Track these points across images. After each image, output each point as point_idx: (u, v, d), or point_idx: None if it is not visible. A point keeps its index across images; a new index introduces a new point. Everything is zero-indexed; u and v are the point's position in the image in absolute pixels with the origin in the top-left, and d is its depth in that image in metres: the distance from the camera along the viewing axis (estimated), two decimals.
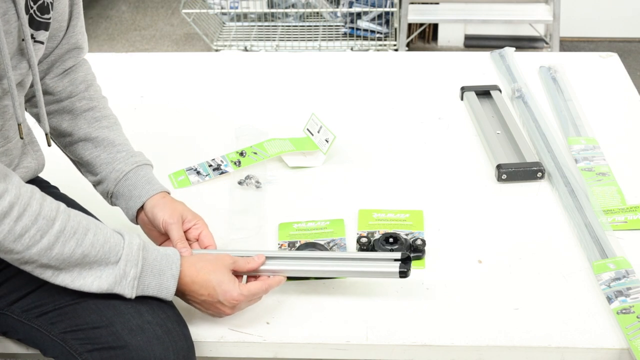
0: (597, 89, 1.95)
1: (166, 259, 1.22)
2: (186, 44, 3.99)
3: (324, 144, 1.68)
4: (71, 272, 1.17)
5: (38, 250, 1.13)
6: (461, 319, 1.29)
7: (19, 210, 1.11)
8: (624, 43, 3.90)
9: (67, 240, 1.15)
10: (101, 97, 1.45)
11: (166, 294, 1.22)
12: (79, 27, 1.39)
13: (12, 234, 1.11)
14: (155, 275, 1.21)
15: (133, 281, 1.19)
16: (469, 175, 1.64)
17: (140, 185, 1.38)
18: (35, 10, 1.23)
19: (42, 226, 1.13)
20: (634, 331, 1.23)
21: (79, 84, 1.41)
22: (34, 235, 1.12)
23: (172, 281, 1.22)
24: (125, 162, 1.39)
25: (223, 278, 1.24)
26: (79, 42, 1.40)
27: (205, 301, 1.24)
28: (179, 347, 1.20)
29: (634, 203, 1.54)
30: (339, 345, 1.26)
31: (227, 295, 1.23)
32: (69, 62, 1.40)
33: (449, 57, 2.14)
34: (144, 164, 1.40)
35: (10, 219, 1.11)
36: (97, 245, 1.17)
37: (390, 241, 1.41)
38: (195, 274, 1.24)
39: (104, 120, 1.41)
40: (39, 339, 1.24)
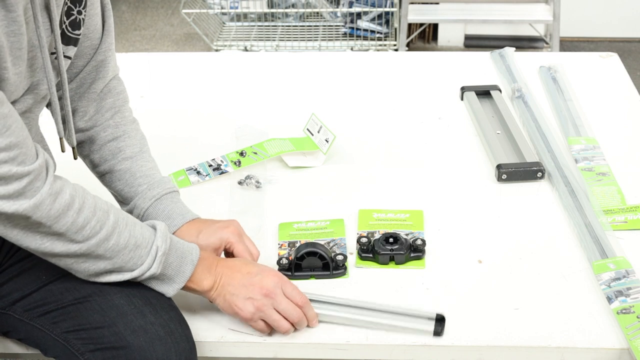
0: (597, 89, 1.95)
1: (188, 246, 1.25)
2: (186, 44, 3.99)
3: (324, 144, 1.68)
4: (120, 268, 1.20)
5: (97, 240, 1.16)
6: (461, 319, 1.29)
7: (80, 202, 1.15)
8: (624, 43, 3.90)
9: (122, 231, 1.18)
10: (129, 123, 1.41)
11: (182, 278, 1.23)
12: (108, 43, 1.35)
13: (75, 225, 1.14)
14: (179, 256, 1.23)
15: (162, 256, 1.21)
16: (469, 175, 1.65)
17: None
18: (68, 26, 1.24)
19: (100, 218, 1.16)
20: (634, 331, 1.24)
21: (105, 112, 1.38)
22: (95, 226, 1.15)
23: (190, 266, 1.23)
24: (144, 197, 1.36)
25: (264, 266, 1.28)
26: (107, 59, 1.36)
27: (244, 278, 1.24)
28: (181, 348, 1.20)
29: (634, 203, 1.54)
30: (339, 345, 1.26)
31: (268, 271, 1.26)
32: (98, 84, 1.37)
33: (449, 57, 2.14)
34: (164, 195, 1.37)
35: (73, 211, 1.13)
36: (147, 235, 1.21)
37: (390, 241, 1.41)
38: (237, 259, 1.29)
39: (127, 150, 1.38)
40: (40, 339, 1.24)
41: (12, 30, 1.10)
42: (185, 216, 1.36)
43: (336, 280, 1.38)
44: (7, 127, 1.07)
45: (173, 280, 1.23)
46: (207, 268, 1.25)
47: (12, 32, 1.10)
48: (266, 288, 1.24)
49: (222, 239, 1.34)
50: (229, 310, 1.26)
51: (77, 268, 1.19)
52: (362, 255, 1.42)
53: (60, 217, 1.12)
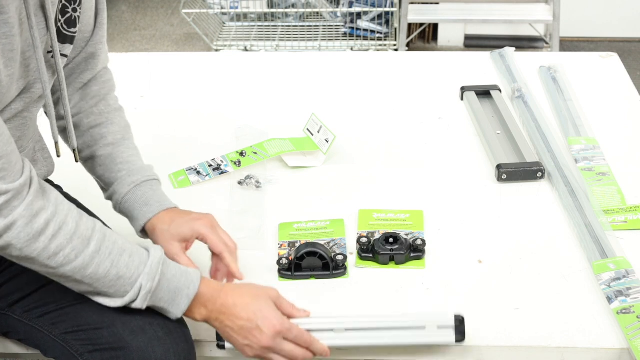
0: (597, 89, 1.95)
1: (185, 277, 1.19)
2: (186, 44, 3.99)
3: (324, 144, 1.68)
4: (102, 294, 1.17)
5: (72, 268, 1.12)
6: None
7: (55, 228, 1.10)
8: (624, 43, 3.90)
9: (102, 261, 1.14)
10: (113, 111, 1.41)
11: (176, 311, 1.19)
12: (100, 36, 1.35)
13: (46, 251, 1.10)
14: (171, 291, 1.18)
15: (147, 295, 1.17)
16: (469, 175, 1.64)
17: (137, 207, 1.34)
18: (63, 24, 1.23)
19: (77, 245, 1.12)
20: (634, 331, 1.23)
21: (89, 100, 1.38)
22: (69, 255, 1.11)
23: (186, 300, 1.19)
24: (123, 182, 1.35)
25: (265, 305, 1.20)
26: (97, 52, 1.37)
27: (243, 327, 1.19)
28: (180, 348, 1.19)
29: (634, 203, 1.54)
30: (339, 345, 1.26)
31: (267, 321, 1.19)
32: (86, 75, 1.37)
33: (449, 57, 2.14)
34: (143, 182, 1.36)
35: (46, 237, 1.10)
36: (133, 266, 1.16)
37: (390, 241, 1.41)
38: (238, 297, 1.20)
39: (109, 137, 1.38)
40: (40, 340, 1.24)
41: (3, 33, 1.08)
42: (163, 204, 1.35)
43: (336, 280, 1.38)
44: None
45: (168, 311, 1.20)
46: (204, 304, 1.20)
47: (3, 34, 1.08)
48: (264, 342, 1.19)
49: (193, 230, 1.32)
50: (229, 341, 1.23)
51: (64, 284, 1.17)
52: (362, 255, 1.42)
53: (30, 241, 1.09)
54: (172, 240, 1.31)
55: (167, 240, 1.31)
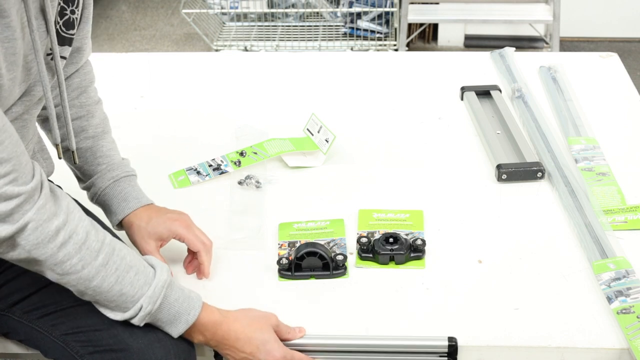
0: (597, 89, 1.95)
1: (187, 302, 1.20)
2: (186, 44, 3.99)
3: (324, 144, 1.68)
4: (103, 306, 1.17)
5: (77, 278, 1.12)
6: (461, 318, 1.29)
7: (64, 236, 1.10)
8: (624, 43, 3.90)
9: (108, 275, 1.13)
10: (93, 103, 1.42)
11: (172, 332, 1.20)
12: (85, 31, 1.36)
13: (53, 258, 1.10)
14: (171, 315, 1.18)
15: (146, 316, 1.17)
16: (469, 175, 1.64)
17: (115, 202, 1.37)
18: (62, 26, 1.23)
19: (84, 256, 1.11)
20: (634, 331, 1.23)
21: (71, 92, 1.39)
22: (75, 265, 1.11)
23: (184, 325, 1.19)
24: (102, 177, 1.38)
25: (268, 337, 1.21)
26: (82, 46, 1.38)
27: (245, 358, 1.21)
28: (180, 350, 1.19)
29: (634, 203, 1.54)
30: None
31: (270, 356, 1.20)
32: (69, 68, 1.38)
33: (449, 57, 2.14)
34: (122, 178, 1.38)
35: (54, 245, 1.09)
36: (137, 286, 1.15)
37: (390, 241, 1.41)
38: (240, 330, 1.21)
39: (89, 130, 1.39)
40: (40, 341, 1.24)
41: (5, 36, 1.08)
42: (141, 200, 1.37)
43: (336, 280, 1.38)
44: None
45: (166, 330, 1.20)
46: (202, 332, 1.21)
47: (5, 37, 1.08)
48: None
49: (170, 230, 1.34)
50: None
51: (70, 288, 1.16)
52: (362, 255, 1.42)
53: (39, 245, 1.09)
54: (149, 238, 1.34)
55: (143, 238, 1.34)
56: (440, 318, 1.30)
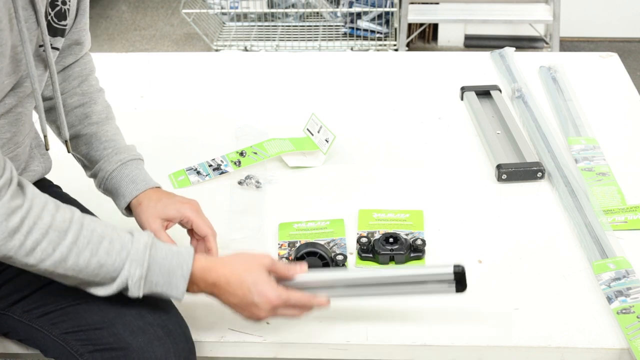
0: (597, 89, 1.95)
1: (177, 257, 1.18)
2: (186, 44, 3.99)
3: (324, 144, 1.68)
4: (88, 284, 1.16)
5: (52, 262, 1.11)
6: (461, 319, 1.29)
7: (29, 224, 1.09)
8: (624, 43, 3.90)
9: (81, 251, 1.12)
10: (95, 91, 1.43)
11: (176, 294, 1.18)
12: (83, 23, 1.37)
13: (23, 248, 1.09)
14: (164, 274, 1.16)
15: (139, 281, 1.15)
16: (469, 175, 1.64)
17: (123, 185, 1.36)
18: (53, 17, 1.23)
19: (53, 239, 1.10)
20: (634, 331, 1.23)
21: (72, 80, 1.41)
22: (46, 249, 1.10)
23: (182, 281, 1.17)
24: (109, 160, 1.38)
25: (258, 278, 1.19)
26: (81, 39, 1.39)
27: (239, 303, 1.19)
28: (180, 348, 1.19)
29: (634, 203, 1.54)
30: (339, 345, 1.26)
31: (263, 297, 1.18)
32: (69, 59, 1.40)
33: (449, 57, 2.14)
34: (129, 161, 1.38)
35: (21, 234, 1.08)
36: (114, 252, 1.14)
37: (390, 241, 1.41)
38: (229, 273, 1.19)
39: (93, 116, 1.40)
40: (40, 340, 1.24)
41: None
42: (149, 183, 1.37)
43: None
44: None
45: (169, 295, 1.18)
46: (195, 282, 1.19)
47: None
48: (263, 317, 1.20)
49: (180, 212, 1.34)
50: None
51: (55, 279, 1.16)
52: (362, 255, 1.42)
53: (6, 240, 1.08)
54: (156, 217, 1.33)
55: (151, 216, 1.33)
56: (440, 318, 1.29)
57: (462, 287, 1.24)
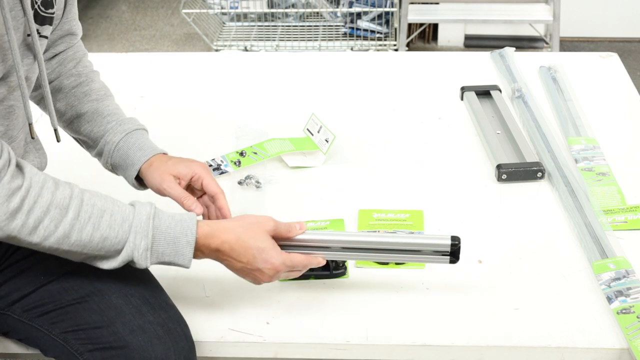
0: (597, 89, 1.95)
1: (181, 224, 1.18)
2: (186, 44, 3.99)
3: (324, 144, 1.68)
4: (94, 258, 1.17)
5: (56, 239, 1.12)
6: (461, 319, 1.29)
7: (30, 203, 1.10)
8: (624, 43, 3.90)
9: (83, 226, 1.13)
10: (90, 72, 1.45)
11: (183, 261, 1.19)
12: (73, 13, 1.39)
13: (25, 227, 1.10)
14: (170, 242, 1.18)
15: (145, 252, 1.16)
16: (469, 175, 1.64)
17: (131, 153, 1.38)
18: (40, 5, 1.23)
19: (55, 216, 1.12)
20: (634, 331, 1.23)
21: (67, 63, 1.42)
22: (48, 226, 1.11)
23: (188, 248, 1.18)
24: (114, 131, 1.39)
25: (264, 245, 1.21)
26: (73, 29, 1.41)
27: (243, 268, 1.21)
28: (180, 347, 1.19)
29: (634, 203, 1.54)
30: (339, 345, 1.26)
31: (268, 264, 1.20)
32: (60, 47, 1.42)
33: (449, 57, 2.14)
34: (134, 130, 1.40)
35: (22, 214, 1.10)
36: (116, 225, 1.15)
37: None
38: (233, 240, 1.20)
39: (92, 94, 1.42)
40: (39, 339, 1.24)
41: None
42: (156, 149, 1.39)
43: (336, 280, 1.38)
44: None
45: (177, 264, 1.20)
46: (199, 248, 1.20)
47: None
48: (267, 281, 1.24)
49: (190, 168, 1.36)
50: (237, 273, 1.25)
51: (62, 256, 1.17)
52: None
53: (8, 220, 1.09)
54: (168, 174, 1.34)
55: (164, 173, 1.35)
56: (440, 318, 1.30)
57: (455, 259, 1.28)
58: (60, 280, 1.24)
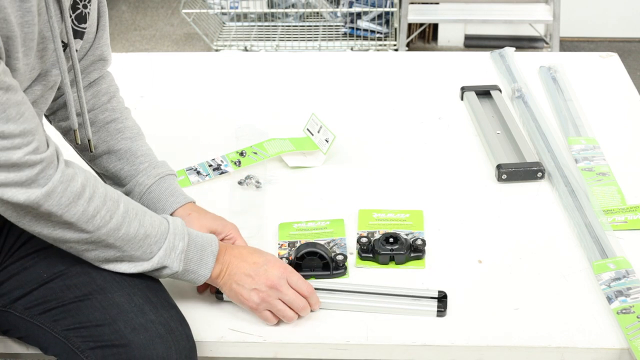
0: (597, 89, 1.95)
1: (207, 237, 1.26)
2: (186, 44, 3.99)
3: (324, 144, 1.68)
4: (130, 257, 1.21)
5: (107, 230, 1.17)
6: (461, 319, 1.29)
7: (90, 191, 1.15)
8: (624, 43, 3.90)
9: (131, 221, 1.19)
10: (124, 109, 1.45)
11: (205, 272, 1.24)
12: (105, 38, 1.40)
13: (85, 214, 1.14)
14: (198, 249, 1.24)
15: (181, 254, 1.22)
16: (469, 175, 1.65)
17: (163, 198, 1.39)
18: (74, 19, 1.25)
19: (110, 207, 1.17)
20: (634, 331, 1.24)
21: (101, 96, 1.42)
22: (104, 216, 1.16)
23: (212, 258, 1.24)
24: (147, 174, 1.40)
25: (270, 254, 1.30)
26: (104, 54, 1.41)
27: (253, 265, 1.26)
28: (181, 347, 1.20)
29: (634, 203, 1.54)
30: (339, 345, 1.26)
31: (276, 262, 1.28)
32: (94, 74, 1.42)
33: (449, 57, 2.14)
34: (167, 175, 1.41)
35: (84, 200, 1.14)
36: (156, 225, 1.21)
37: (390, 241, 1.41)
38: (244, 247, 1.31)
39: (126, 132, 1.42)
40: (41, 337, 1.24)
41: (26, 21, 1.11)
42: (187, 197, 1.41)
43: (336, 280, 1.38)
44: (20, 114, 1.08)
45: (197, 272, 1.24)
46: (217, 258, 1.26)
47: (26, 22, 1.11)
48: (271, 280, 1.26)
49: (225, 227, 1.38)
50: (235, 299, 1.28)
51: (88, 255, 1.20)
52: (362, 255, 1.42)
53: (70, 205, 1.13)
54: (205, 228, 1.36)
55: (202, 227, 1.36)
56: (440, 318, 1.29)
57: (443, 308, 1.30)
58: (62, 277, 1.24)
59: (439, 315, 1.29)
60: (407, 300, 1.31)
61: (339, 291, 1.33)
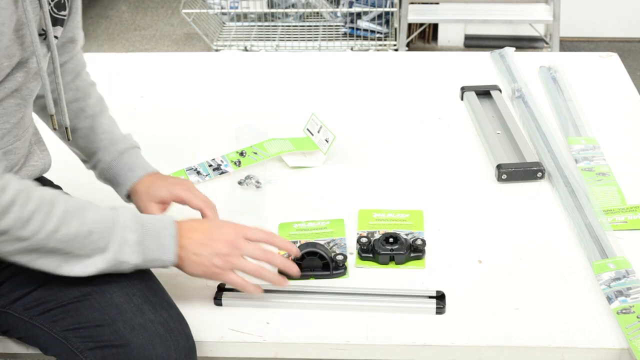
0: (597, 89, 1.95)
1: (162, 221, 1.23)
2: (186, 44, 3.99)
3: (324, 144, 1.68)
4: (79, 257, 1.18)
5: (46, 234, 1.14)
6: (461, 318, 1.29)
7: (24, 197, 1.12)
8: (624, 43, 3.90)
9: (70, 220, 1.15)
10: (88, 85, 1.46)
11: (168, 256, 1.22)
12: (76, 21, 1.40)
13: (20, 220, 1.12)
14: (154, 236, 1.21)
15: (134, 245, 1.19)
16: (469, 175, 1.65)
17: (122, 173, 1.41)
18: (53, 7, 1.25)
19: (47, 209, 1.14)
20: (634, 331, 1.24)
21: (65, 76, 1.42)
22: (42, 219, 1.13)
23: (171, 240, 1.22)
24: (107, 151, 1.42)
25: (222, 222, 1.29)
26: (75, 36, 1.42)
27: (202, 244, 1.23)
28: (181, 346, 1.20)
29: (634, 203, 1.54)
30: (339, 345, 1.26)
31: (228, 223, 1.26)
32: (64, 57, 1.42)
33: (449, 57, 2.14)
34: (128, 150, 1.42)
35: (17, 206, 1.11)
36: (101, 219, 1.18)
37: (390, 241, 1.41)
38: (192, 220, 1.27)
39: (88, 109, 1.43)
40: (40, 337, 1.24)
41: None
42: (147, 169, 1.41)
43: (336, 280, 1.38)
44: None
45: (161, 259, 1.22)
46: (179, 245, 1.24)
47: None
48: (228, 240, 1.25)
49: (171, 192, 1.38)
50: (198, 271, 1.25)
51: (35, 264, 1.17)
52: (362, 255, 1.42)
53: (3, 214, 1.10)
54: (150, 202, 1.38)
55: (145, 202, 1.38)
56: (440, 318, 1.29)
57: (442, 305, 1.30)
58: (61, 278, 1.24)
59: (438, 312, 1.29)
60: (407, 299, 1.31)
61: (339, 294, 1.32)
